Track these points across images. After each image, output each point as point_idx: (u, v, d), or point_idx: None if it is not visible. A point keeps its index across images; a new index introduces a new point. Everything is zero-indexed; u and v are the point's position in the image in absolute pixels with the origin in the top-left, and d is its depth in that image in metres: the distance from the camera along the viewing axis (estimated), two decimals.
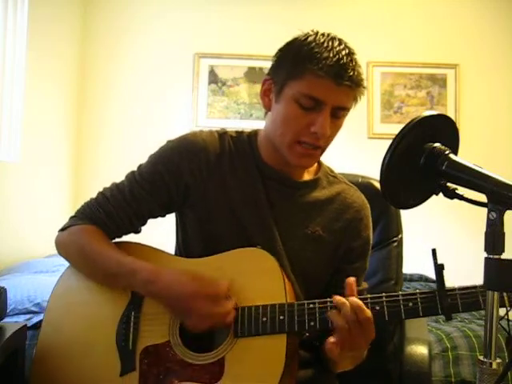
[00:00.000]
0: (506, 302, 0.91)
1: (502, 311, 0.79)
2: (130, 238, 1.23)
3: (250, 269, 1.10)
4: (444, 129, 0.84)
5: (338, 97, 1.08)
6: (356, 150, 3.56)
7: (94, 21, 3.66)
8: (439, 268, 0.96)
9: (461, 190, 0.81)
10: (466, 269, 2.91)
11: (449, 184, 0.82)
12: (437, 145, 0.81)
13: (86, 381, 1.10)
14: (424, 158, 0.81)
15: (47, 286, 1.20)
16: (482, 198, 0.75)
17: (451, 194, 0.82)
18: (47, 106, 3.07)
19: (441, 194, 0.83)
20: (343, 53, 1.08)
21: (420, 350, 1.46)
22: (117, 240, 1.22)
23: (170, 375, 1.06)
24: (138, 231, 1.22)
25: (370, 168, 1.43)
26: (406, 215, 1.47)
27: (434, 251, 0.95)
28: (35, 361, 1.14)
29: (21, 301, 1.89)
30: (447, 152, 0.80)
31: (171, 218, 1.27)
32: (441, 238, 3.54)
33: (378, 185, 1.45)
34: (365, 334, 0.99)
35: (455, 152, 0.83)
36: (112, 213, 1.17)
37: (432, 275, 0.98)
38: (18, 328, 1.21)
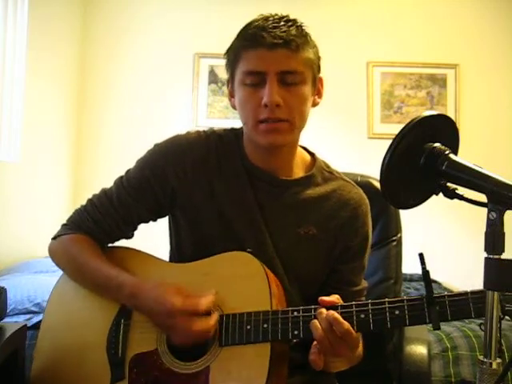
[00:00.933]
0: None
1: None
2: (123, 242, 1.23)
3: (236, 274, 1.08)
4: (444, 129, 0.84)
5: (277, 62, 1.05)
6: (356, 150, 3.56)
7: (93, 21, 3.66)
8: (426, 274, 0.94)
9: (461, 190, 0.81)
10: (465, 269, 2.92)
11: (449, 184, 0.81)
12: (437, 145, 0.81)
13: None
14: (424, 158, 0.80)
15: (47, 286, 1.20)
16: (482, 198, 0.75)
17: (451, 194, 0.81)
18: (47, 106, 3.07)
19: (441, 194, 0.83)
20: (270, 19, 1.08)
21: (419, 349, 1.46)
22: (109, 245, 1.22)
23: None
24: (129, 237, 1.21)
25: (370, 168, 1.43)
26: (405, 215, 1.46)
27: (421, 256, 0.92)
28: (33, 368, 1.13)
29: (21, 301, 1.89)
30: (447, 152, 0.80)
31: (165, 222, 1.26)
32: (441, 238, 3.55)
33: (376, 184, 1.45)
34: (347, 345, 0.96)
35: (455, 152, 0.83)
36: (100, 220, 1.16)
37: (432, 276, 0.97)
38: (18, 328, 1.21)
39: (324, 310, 0.98)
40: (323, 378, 1.21)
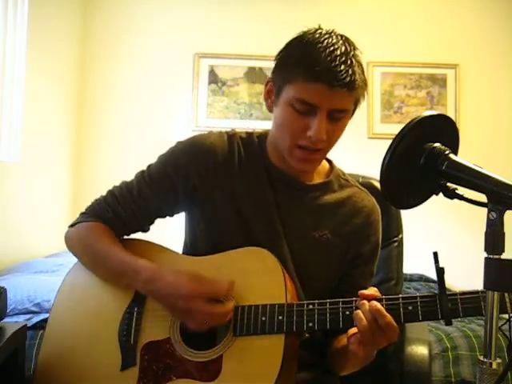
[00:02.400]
0: (508, 308, 0.90)
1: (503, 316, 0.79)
2: (139, 235, 1.25)
3: (251, 268, 1.10)
4: (444, 129, 0.84)
5: (333, 100, 1.05)
6: (356, 150, 3.55)
7: (93, 21, 3.66)
8: (440, 272, 0.95)
9: (461, 190, 0.81)
10: (466, 269, 2.91)
11: (449, 184, 0.81)
12: (437, 145, 0.81)
13: (88, 374, 1.11)
14: (424, 158, 0.81)
15: (47, 286, 1.21)
16: (482, 198, 0.75)
17: (451, 194, 0.82)
18: (47, 106, 3.07)
19: (441, 194, 0.83)
20: (337, 53, 1.03)
21: (420, 350, 1.46)
22: (124, 237, 1.24)
23: (168, 371, 1.07)
24: (145, 230, 1.24)
25: (370, 168, 1.43)
26: (406, 215, 1.46)
27: (435, 254, 0.94)
28: (42, 353, 1.15)
29: (21, 301, 1.89)
30: (447, 152, 0.80)
31: (180, 217, 1.28)
32: (441, 238, 3.54)
33: (378, 185, 1.45)
34: (387, 336, 0.97)
35: (455, 152, 0.83)
36: (120, 212, 1.19)
37: (432, 275, 0.98)
38: (18, 328, 1.21)
39: (366, 302, 0.99)
40: (328, 377, 1.22)
